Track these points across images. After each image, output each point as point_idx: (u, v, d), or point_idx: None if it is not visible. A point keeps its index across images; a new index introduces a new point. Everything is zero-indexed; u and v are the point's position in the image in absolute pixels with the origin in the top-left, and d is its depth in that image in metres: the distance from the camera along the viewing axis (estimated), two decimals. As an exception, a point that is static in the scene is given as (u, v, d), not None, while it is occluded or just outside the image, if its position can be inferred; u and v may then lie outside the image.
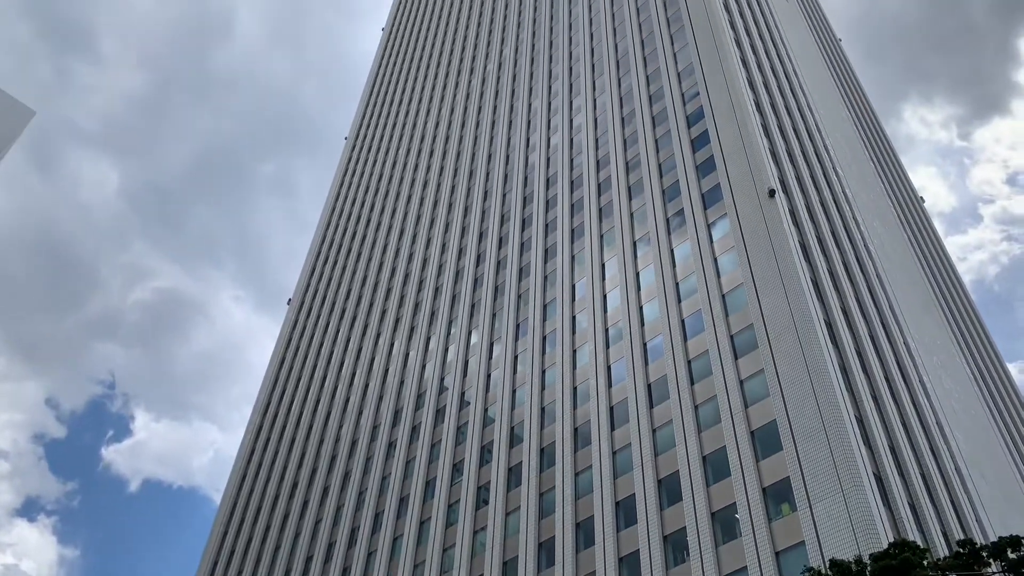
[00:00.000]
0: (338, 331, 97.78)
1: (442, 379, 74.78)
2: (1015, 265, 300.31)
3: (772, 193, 55.57)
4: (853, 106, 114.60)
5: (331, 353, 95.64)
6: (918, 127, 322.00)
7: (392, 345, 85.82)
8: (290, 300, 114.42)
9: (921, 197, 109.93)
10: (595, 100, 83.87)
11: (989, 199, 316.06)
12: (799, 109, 75.93)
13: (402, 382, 79.74)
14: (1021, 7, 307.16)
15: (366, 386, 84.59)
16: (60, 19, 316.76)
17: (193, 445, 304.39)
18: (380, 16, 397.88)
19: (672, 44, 78.13)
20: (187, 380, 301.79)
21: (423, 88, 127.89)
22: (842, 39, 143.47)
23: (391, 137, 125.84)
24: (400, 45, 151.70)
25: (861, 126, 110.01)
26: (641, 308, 59.38)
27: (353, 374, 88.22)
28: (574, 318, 64.94)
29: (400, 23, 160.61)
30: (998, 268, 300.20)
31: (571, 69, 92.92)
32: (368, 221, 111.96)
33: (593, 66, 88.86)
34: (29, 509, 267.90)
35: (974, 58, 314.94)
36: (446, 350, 77.11)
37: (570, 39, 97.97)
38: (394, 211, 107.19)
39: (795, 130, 70.62)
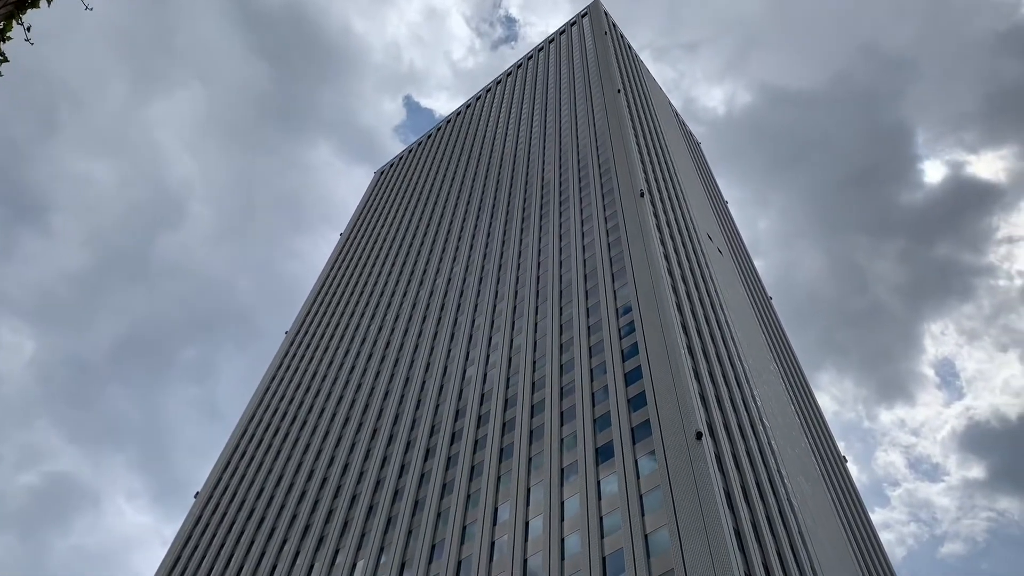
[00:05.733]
0: (242, 532, 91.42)
1: (344, 598, 69.31)
2: (923, 549, 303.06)
3: (699, 436, 56.08)
4: (781, 361, 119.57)
5: (231, 556, 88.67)
6: (829, 402, 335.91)
7: (296, 555, 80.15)
8: (197, 493, 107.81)
9: (844, 457, 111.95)
10: (536, 324, 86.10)
11: (894, 482, 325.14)
12: (729, 358, 78.79)
13: (301, 597, 73.64)
14: (925, 294, 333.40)
15: (261, 597, 77.80)
16: (19, 189, 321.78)
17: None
18: (323, 227, 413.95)
19: (613, 282, 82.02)
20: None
21: (371, 293, 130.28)
22: (773, 297, 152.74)
23: (332, 336, 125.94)
24: (355, 250, 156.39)
25: (788, 382, 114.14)
26: (563, 540, 57.23)
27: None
28: (493, 543, 62.04)
29: (358, 231, 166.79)
30: (905, 551, 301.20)
31: (516, 292, 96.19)
32: (294, 418, 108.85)
33: (538, 292, 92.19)
34: None
35: (883, 338, 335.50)
36: (353, 566, 72.22)
37: (519, 265, 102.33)
38: (322, 411, 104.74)
39: (724, 377, 72.79)
